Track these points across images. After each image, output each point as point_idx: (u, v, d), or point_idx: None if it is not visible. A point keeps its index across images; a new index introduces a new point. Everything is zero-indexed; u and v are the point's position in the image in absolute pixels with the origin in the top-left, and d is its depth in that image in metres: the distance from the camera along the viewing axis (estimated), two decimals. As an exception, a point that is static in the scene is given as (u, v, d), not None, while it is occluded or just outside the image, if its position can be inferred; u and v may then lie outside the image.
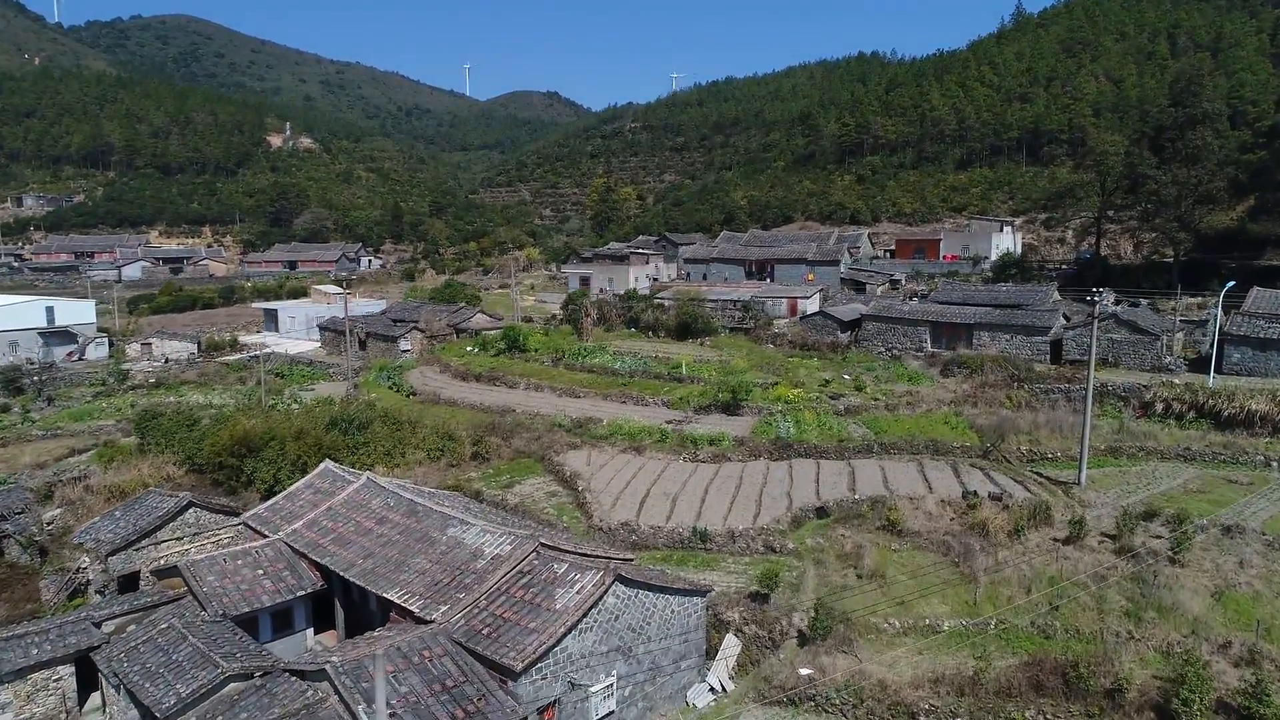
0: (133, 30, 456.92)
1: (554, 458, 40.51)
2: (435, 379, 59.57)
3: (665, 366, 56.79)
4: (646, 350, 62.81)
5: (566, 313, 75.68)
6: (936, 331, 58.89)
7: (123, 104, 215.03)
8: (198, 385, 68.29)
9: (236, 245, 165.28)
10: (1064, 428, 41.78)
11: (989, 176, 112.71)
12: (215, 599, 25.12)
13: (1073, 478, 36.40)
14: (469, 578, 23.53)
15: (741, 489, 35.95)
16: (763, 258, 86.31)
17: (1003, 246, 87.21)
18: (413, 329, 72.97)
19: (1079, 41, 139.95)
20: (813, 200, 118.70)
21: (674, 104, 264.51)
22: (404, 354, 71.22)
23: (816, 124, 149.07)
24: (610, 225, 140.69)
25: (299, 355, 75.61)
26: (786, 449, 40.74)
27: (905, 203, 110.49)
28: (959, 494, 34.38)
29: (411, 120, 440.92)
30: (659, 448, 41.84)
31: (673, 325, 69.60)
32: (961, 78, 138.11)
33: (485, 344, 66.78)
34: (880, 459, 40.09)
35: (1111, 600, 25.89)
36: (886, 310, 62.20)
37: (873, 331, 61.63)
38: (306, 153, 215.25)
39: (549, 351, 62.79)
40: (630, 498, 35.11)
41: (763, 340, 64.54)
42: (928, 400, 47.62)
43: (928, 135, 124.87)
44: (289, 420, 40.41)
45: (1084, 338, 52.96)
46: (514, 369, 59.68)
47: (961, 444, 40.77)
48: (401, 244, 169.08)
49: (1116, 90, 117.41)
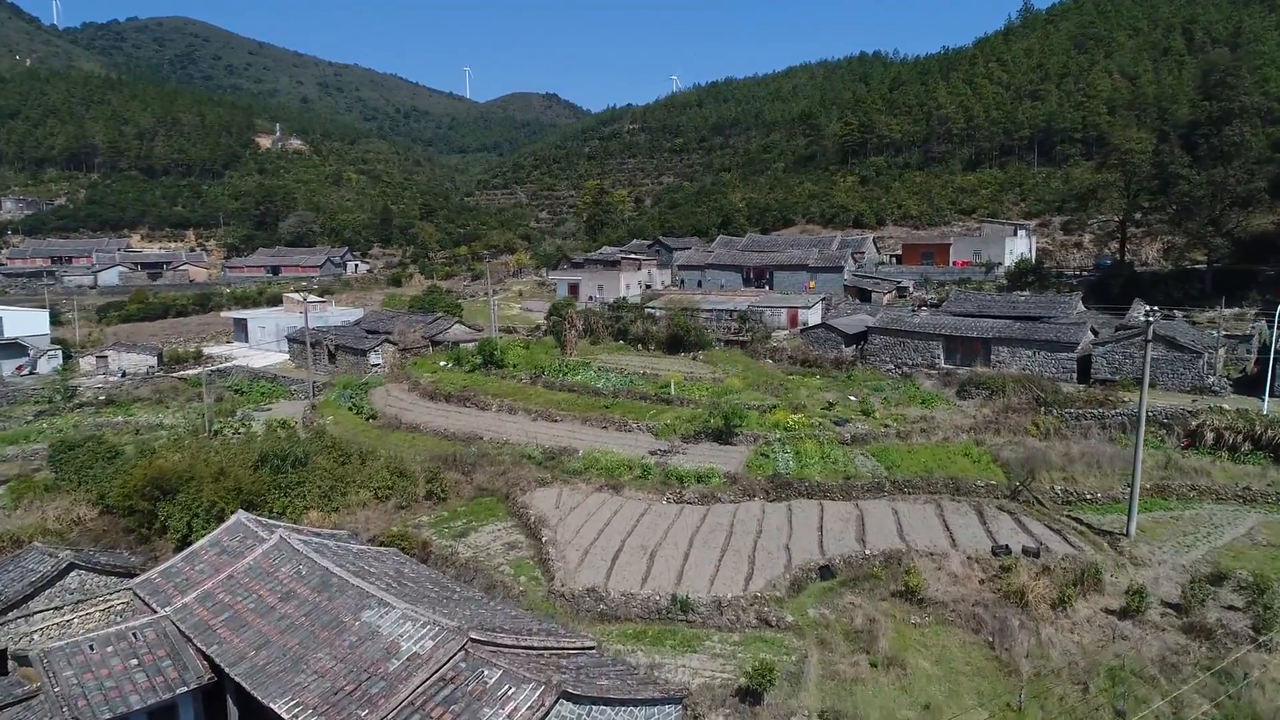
0: (129, 32, 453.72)
1: (519, 498, 35.42)
2: (401, 399, 54.45)
3: (653, 386, 51.68)
4: (634, 365, 57.77)
5: (550, 324, 70.67)
6: (950, 346, 53.77)
7: (109, 105, 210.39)
8: (151, 403, 63.33)
9: (220, 249, 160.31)
10: (1101, 462, 36.67)
11: (999, 177, 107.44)
12: (72, 700, 20.05)
13: (1117, 524, 31.28)
14: (377, 686, 18.42)
15: (732, 540, 30.83)
16: (761, 264, 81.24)
17: (1017, 251, 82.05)
18: (384, 341, 67.85)
19: (1090, 37, 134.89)
20: (814, 202, 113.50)
21: (673, 105, 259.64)
22: (374, 369, 66.14)
23: (818, 123, 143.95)
24: (604, 229, 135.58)
25: (264, 369, 70.57)
26: (785, 488, 35.61)
27: (911, 205, 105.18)
28: (988, 548, 29.27)
29: (410, 122, 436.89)
30: (639, 485, 36.73)
31: (664, 338, 64.58)
32: (969, 75, 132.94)
33: (460, 359, 61.66)
34: (893, 499, 34.96)
35: (1191, 702, 20.70)
36: (895, 322, 57.06)
37: (880, 346, 56.52)
38: (296, 154, 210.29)
39: (528, 368, 57.73)
40: (601, 551, 30.00)
41: (760, 355, 59.44)
42: (944, 426, 42.49)
43: (934, 135, 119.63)
44: (221, 453, 35.38)
45: (1115, 354, 47.87)
46: (488, 388, 54.58)
47: (986, 481, 35.62)
48: (390, 248, 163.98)
49: (1133, 87, 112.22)
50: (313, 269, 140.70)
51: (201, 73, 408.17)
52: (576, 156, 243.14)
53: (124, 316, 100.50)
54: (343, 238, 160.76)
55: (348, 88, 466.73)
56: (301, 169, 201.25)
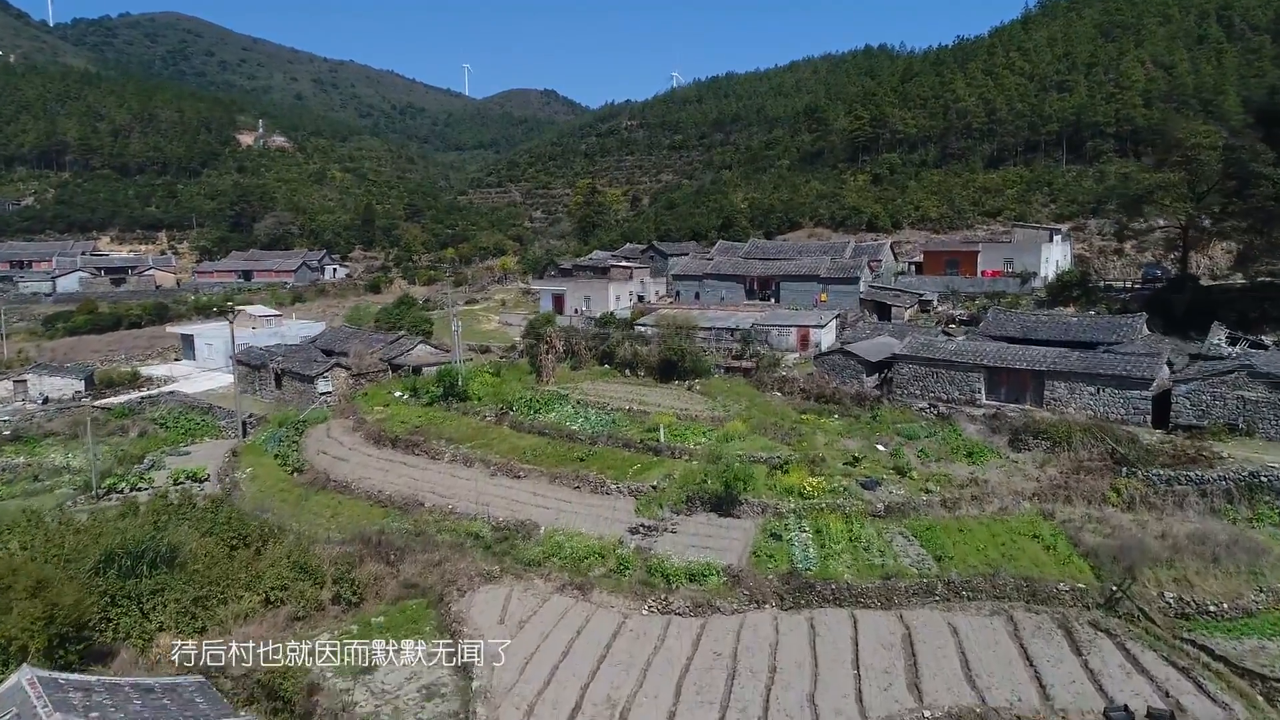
0: (120, 28, 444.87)
1: (455, 603, 26.90)
2: (340, 443, 45.78)
3: (639, 428, 43.05)
4: (620, 397, 49.22)
5: (526, 344, 62.15)
6: (994, 379, 45.09)
7: (85, 101, 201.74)
8: (64, 439, 54.90)
9: (193, 253, 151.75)
10: (1219, 552, 27.95)
11: (1025, 176, 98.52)
12: None
13: (1264, 656, 22.72)
14: None
15: (735, 687, 22.22)
16: (766, 274, 72.48)
17: (1053, 260, 73.19)
18: (335, 366, 59.24)
19: (1117, 25, 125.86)
20: (823, 203, 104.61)
21: (672, 101, 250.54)
22: (322, 398, 57.58)
23: (825, 118, 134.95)
24: (596, 231, 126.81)
25: (203, 397, 62.00)
26: (805, 591, 27.06)
27: (930, 206, 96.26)
28: (1095, 708, 20.68)
29: (405, 119, 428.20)
30: (614, 585, 28.14)
31: (655, 362, 55.94)
32: (988, 65, 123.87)
33: (417, 389, 53.01)
34: (949, 609, 26.39)
35: None
36: (926, 349, 48.31)
37: (909, 377, 47.84)
38: (279, 152, 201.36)
39: (495, 400, 49.07)
40: (552, 710, 21.41)
41: (767, 385, 50.77)
42: (1000, 491, 33.82)
43: (953, 129, 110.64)
44: (55, 544, 26.86)
45: (1203, 394, 39.12)
46: (444, 428, 45.94)
47: (1070, 582, 27.05)
48: (373, 250, 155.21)
49: (1169, 77, 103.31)
50: (287, 273, 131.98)
51: (194, 69, 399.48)
52: (573, 154, 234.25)
53: (70, 329, 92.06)
54: (322, 240, 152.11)
55: (343, 84, 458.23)
56: (284, 167, 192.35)
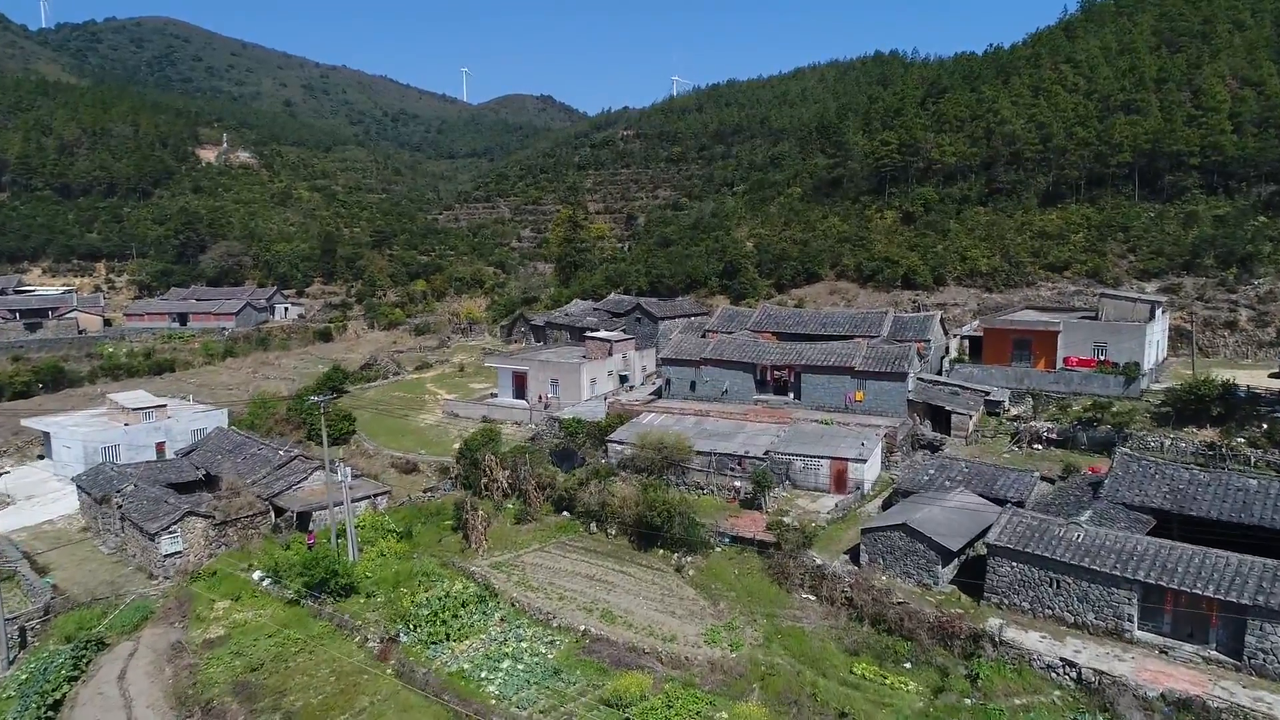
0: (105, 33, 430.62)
1: None
2: (122, 712, 28.99)
3: (595, 691, 26.41)
4: (574, 595, 32.78)
5: (457, 478, 45.53)
6: (1155, 600, 28.50)
7: (34, 114, 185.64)
8: None
9: (131, 287, 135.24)
10: None
11: (1093, 217, 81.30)
12: None
13: None
14: None
15: None
16: (783, 362, 55.64)
17: (1153, 341, 56.17)
18: (188, 514, 42.26)
19: (1180, 33, 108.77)
20: (846, 249, 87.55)
21: (670, 110, 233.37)
22: (169, 562, 40.81)
23: (842, 139, 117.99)
24: (578, 271, 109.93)
25: (22, 539, 45.16)
26: None
27: (979, 256, 78.88)
28: None
29: (397, 126, 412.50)
30: None
31: (630, 519, 39.43)
32: (1034, 80, 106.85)
33: (280, 570, 36.25)
34: None
35: None
36: (1038, 537, 31.44)
37: (1010, 579, 31.18)
38: (242, 169, 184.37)
39: (389, 599, 32.48)
40: None
41: (794, 582, 34.04)
42: None
43: (999, 157, 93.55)
44: None
45: None
46: (291, 675, 29.21)
47: None
48: (334, 284, 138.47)
49: (1260, 96, 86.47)
50: (228, 316, 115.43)
51: (180, 75, 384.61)
52: (566, 166, 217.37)
53: (-70, 404, 75.71)
54: (277, 272, 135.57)
55: (334, 90, 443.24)
56: (245, 187, 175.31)
